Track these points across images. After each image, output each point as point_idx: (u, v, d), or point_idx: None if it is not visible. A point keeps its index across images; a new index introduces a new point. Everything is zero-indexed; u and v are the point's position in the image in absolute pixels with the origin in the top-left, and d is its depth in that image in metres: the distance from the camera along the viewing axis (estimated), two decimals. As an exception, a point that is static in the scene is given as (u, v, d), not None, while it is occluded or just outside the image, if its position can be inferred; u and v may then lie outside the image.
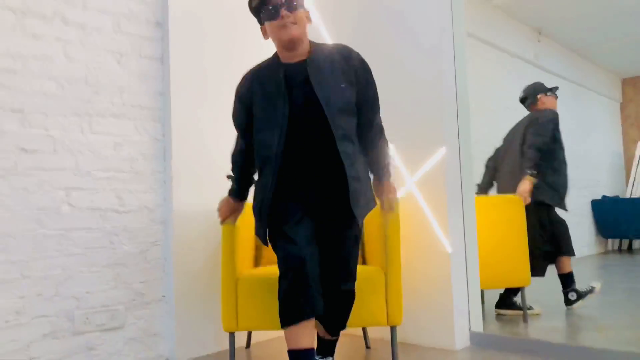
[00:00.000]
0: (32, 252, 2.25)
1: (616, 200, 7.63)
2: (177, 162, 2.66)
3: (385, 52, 2.91)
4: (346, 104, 1.89)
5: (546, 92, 3.75)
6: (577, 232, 7.27)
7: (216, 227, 2.68)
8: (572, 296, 3.45)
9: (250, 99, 1.95)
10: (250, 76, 1.99)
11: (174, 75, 2.69)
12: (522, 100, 3.85)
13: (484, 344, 2.72)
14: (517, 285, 3.21)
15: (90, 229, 2.42)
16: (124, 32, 2.60)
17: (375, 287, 2.24)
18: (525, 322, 3.18)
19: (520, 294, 3.24)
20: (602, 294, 3.59)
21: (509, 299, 3.43)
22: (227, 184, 2.16)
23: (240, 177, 2.14)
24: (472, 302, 2.79)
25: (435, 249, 2.72)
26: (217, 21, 2.88)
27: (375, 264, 2.41)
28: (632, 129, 8.73)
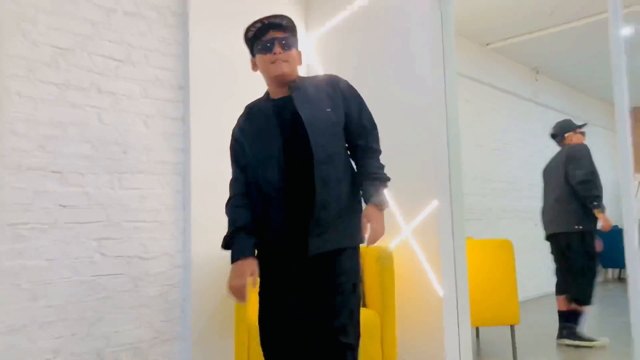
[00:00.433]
0: (68, 296, 2.54)
1: (614, 229, 7.82)
2: (195, 211, 2.96)
3: (383, 114, 3.21)
4: (331, 126, 1.84)
5: (575, 130, 4.07)
6: (577, 261, 7.49)
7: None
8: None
9: (242, 138, 1.94)
10: (242, 116, 2.00)
11: (194, 133, 3.00)
12: (553, 136, 4.17)
13: (474, 381, 2.97)
14: (507, 323, 3.46)
15: (118, 274, 2.72)
16: (150, 97, 2.92)
17: (372, 332, 2.50)
18: (515, 357, 3.42)
19: (511, 332, 3.49)
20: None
21: (572, 329, 3.70)
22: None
23: (251, 222, 1.89)
24: (463, 342, 3.04)
25: (428, 292, 2.98)
26: (233, 83, 3.19)
27: (372, 307, 2.68)
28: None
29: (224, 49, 3.18)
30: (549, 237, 4.09)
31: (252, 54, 1.96)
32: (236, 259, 1.84)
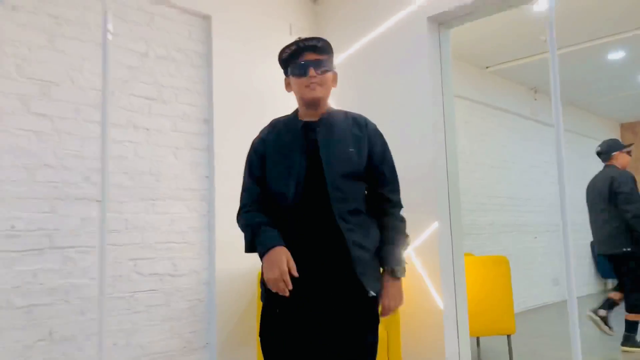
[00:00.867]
0: (109, 310, 2.87)
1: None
2: (219, 233, 3.29)
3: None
4: (351, 168, 1.80)
5: (621, 149, 4.35)
6: (580, 273, 7.78)
7: (252, 286, 3.30)
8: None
9: (263, 150, 1.91)
10: (266, 128, 1.98)
11: (218, 161, 3.34)
12: (598, 154, 4.46)
13: (472, 386, 3.26)
14: (504, 333, 3.75)
15: (151, 290, 3.05)
16: (179, 130, 3.26)
17: (379, 344, 2.80)
18: (511, 365, 3.71)
19: (507, 341, 3.79)
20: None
21: (632, 337, 4.03)
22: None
23: (267, 221, 1.81)
24: (462, 350, 3.34)
25: (430, 305, 3.29)
26: (253, 116, 3.51)
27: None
28: (631, 171, 9.20)
29: (244, 86, 3.52)
30: (606, 256, 4.35)
31: (286, 74, 1.94)
32: (267, 250, 1.72)
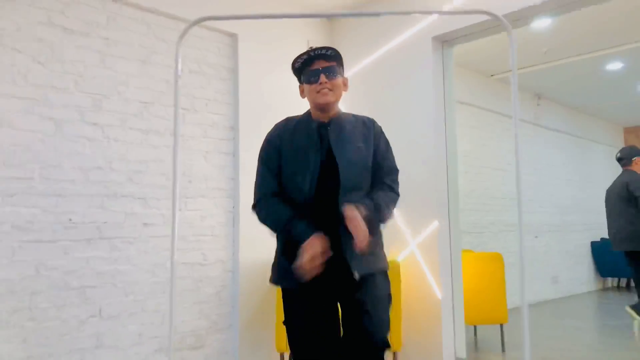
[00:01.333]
0: (148, 293, 3.31)
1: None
2: (243, 227, 3.72)
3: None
4: (362, 161, 1.96)
5: None
6: (578, 271, 8.11)
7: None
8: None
9: (279, 144, 2.04)
10: (281, 125, 2.12)
11: (242, 164, 3.76)
12: (619, 160, 4.83)
13: (466, 368, 3.67)
14: (497, 322, 4.13)
15: (184, 277, 3.48)
16: (209, 137, 3.69)
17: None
18: (503, 351, 4.10)
19: (500, 330, 4.17)
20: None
21: None
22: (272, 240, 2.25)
23: (294, 214, 1.93)
24: (457, 335, 3.74)
25: (429, 295, 3.69)
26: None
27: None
28: (634, 174, 9.49)
29: (266, 97, 3.94)
30: (625, 253, 4.70)
31: (300, 82, 2.07)
32: (302, 240, 1.83)
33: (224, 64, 3.83)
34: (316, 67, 1.97)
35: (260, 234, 2.22)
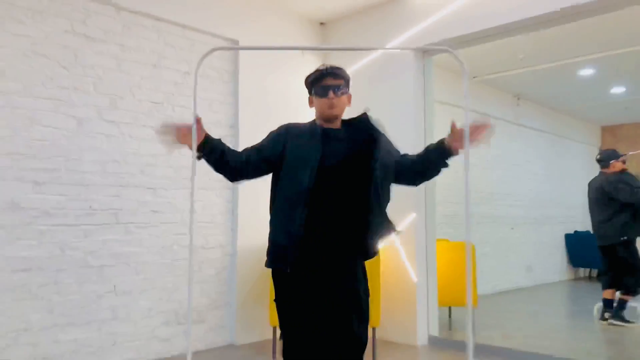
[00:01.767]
0: (157, 273, 3.73)
1: (587, 234, 8.93)
2: (240, 216, 4.14)
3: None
4: (361, 167, 2.19)
5: (618, 158, 5.17)
6: (552, 261, 8.64)
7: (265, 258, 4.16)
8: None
9: (284, 140, 2.22)
10: (287, 125, 2.31)
11: (240, 159, 4.16)
12: (598, 161, 5.28)
13: (438, 343, 4.13)
14: (465, 305, 4.59)
15: (188, 259, 3.90)
16: (211, 134, 4.07)
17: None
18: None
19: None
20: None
21: (617, 313, 4.86)
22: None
23: (223, 152, 2.33)
24: (431, 315, 4.20)
25: (406, 279, 4.14)
26: (271, 122, 4.33)
27: (365, 288, 3.84)
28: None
29: (264, 97, 4.34)
30: (603, 247, 5.12)
31: (310, 94, 2.28)
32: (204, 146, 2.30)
33: (226, 68, 4.22)
34: (326, 83, 2.20)
35: (257, 221, 2.61)
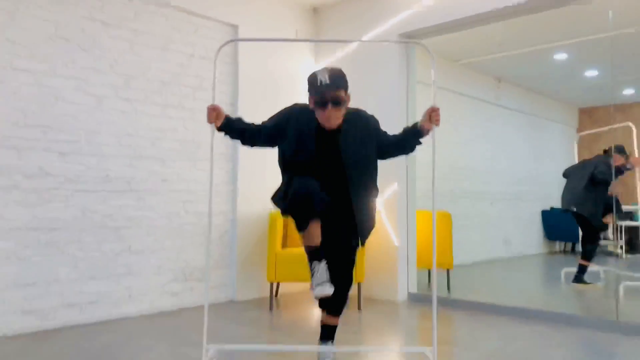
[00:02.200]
0: (166, 235, 4.18)
1: (561, 211, 9.49)
2: (240, 185, 4.58)
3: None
4: (364, 155, 2.53)
5: (623, 154, 5.65)
6: (529, 235, 9.20)
7: (264, 223, 4.62)
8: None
9: (287, 120, 2.51)
10: (297, 111, 2.53)
11: (240, 134, 4.59)
12: (605, 151, 5.83)
13: (416, 299, 4.64)
14: (445, 267, 5.10)
15: (194, 223, 4.35)
16: (214, 111, 4.50)
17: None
18: (448, 290, 5.09)
19: (447, 274, 5.15)
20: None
21: (580, 277, 5.36)
22: (269, 196, 3.24)
23: (241, 130, 2.61)
24: (410, 274, 4.70)
25: (389, 243, 4.62)
26: (268, 100, 4.76)
27: (352, 250, 4.32)
28: (585, 151, 10.55)
29: (261, 77, 4.76)
30: (574, 214, 5.68)
31: (311, 95, 2.43)
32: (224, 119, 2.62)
33: (226, 51, 4.62)
34: (325, 97, 2.34)
35: (256, 190, 3.02)
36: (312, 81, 2.40)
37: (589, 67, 7.68)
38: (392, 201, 4.64)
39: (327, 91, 2.34)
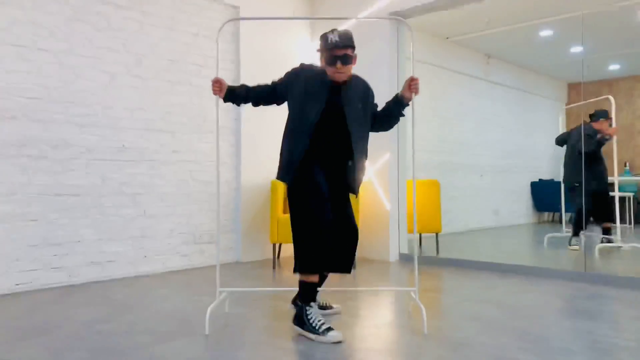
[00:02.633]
0: (177, 201, 4.56)
1: (550, 182, 9.89)
2: (243, 156, 4.95)
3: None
4: (362, 116, 2.70)
5: (606, 118, 6.10)
6: (518, 206, 9.60)
7: (266, 192, 5.00)
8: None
9: (293, 79, 2.64)
10: (305, 69, 2.69)
11: (243, 109, 4.94)
12: (591, 115, 6.21)
13: (406, 259, 5.04)
14: (433, 231, 5.51)
15: (202, 191, 4.73)
16: (218, 87, 4.84)
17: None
18: (437, 252, 5.50)
19: (436, 237, 5.55)
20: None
21: (570, 240, 5.82)
22: (270, 166, 3.73)
23: (247, 90, 2.76)
24: (401, 236, 5.10)
25: (381, 207, 5.01)
26: (269, 76, 5.08)
27: (347, 214, 4.70)
28: (573, 124, 10.92)
29: (262, 55, 5.09)
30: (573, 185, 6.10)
31: (321, 53, 2.62)
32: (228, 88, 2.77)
33: (229, 30, 4.94)
34: (334, 53, 2.51)
35: (258, 161, 3.36)
36: (324, 40, 2.58)
37: (574, 43, 8.00)
38: (384, 170, 5.02)
39: (336, 48, 2.51)
